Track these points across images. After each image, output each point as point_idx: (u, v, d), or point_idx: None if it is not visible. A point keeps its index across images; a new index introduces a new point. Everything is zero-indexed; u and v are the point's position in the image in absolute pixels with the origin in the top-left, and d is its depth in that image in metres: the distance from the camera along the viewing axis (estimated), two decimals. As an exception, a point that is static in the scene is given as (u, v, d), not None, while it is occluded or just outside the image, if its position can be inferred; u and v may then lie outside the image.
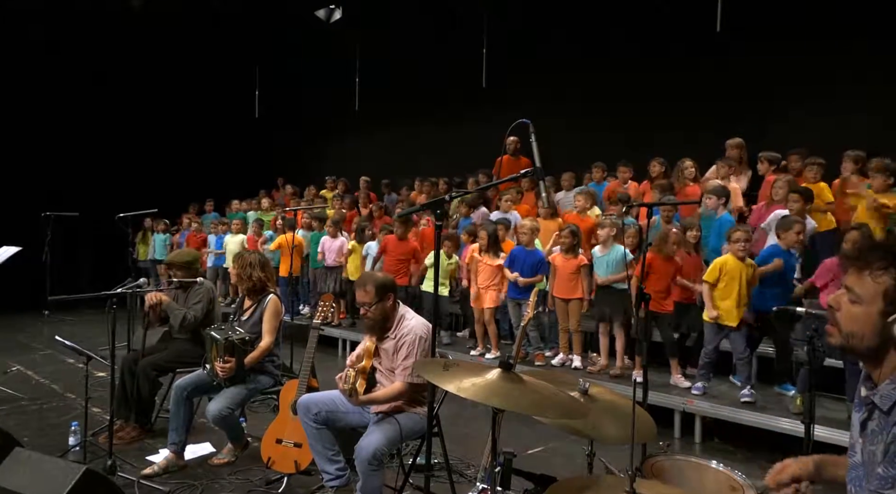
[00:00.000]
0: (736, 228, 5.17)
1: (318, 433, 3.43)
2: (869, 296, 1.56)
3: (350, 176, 11.02)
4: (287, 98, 13.44)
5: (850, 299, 1.59)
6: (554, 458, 4.39)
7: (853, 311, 1.58)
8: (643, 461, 2.40)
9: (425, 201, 7.89)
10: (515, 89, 9.49)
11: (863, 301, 1.56)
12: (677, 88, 7.99)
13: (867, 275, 1.57)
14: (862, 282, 1.57)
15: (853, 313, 1.58)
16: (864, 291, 1.57)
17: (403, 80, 11.32)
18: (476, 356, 6.50)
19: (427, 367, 2.05)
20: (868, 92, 6.69)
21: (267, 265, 4.28)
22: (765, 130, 7.25)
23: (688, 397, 5.08)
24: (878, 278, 1.55)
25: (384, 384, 3.42)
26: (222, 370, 3.85)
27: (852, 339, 1.59)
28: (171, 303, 4.47)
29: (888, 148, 5.94)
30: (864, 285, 1.57)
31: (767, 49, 7.34)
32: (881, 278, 1.54)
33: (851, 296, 1.59)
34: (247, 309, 4.27)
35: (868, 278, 1.56)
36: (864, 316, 1.56)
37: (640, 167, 7.49)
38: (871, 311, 1.55)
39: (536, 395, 1.91)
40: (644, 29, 8.36)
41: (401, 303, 3.51)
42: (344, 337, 7.88)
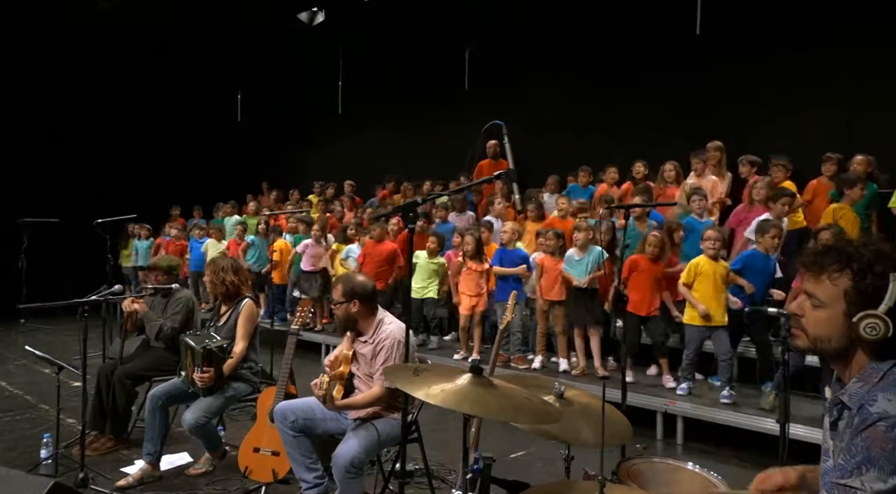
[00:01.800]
0: (707, 227, 5.20)
1: (295, 440, 3.37)
2: (830, 299, 1.56)
3: (335, 179, 10.97)
4: (270, 102, 13.35)
5: (813, 304, 1.59)
6: (535, 462, 4.36)
7: (817, 315, 1.58)
8: (619, 464, 2.38)
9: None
10: (498, 92, 9.48)
11: (825, 305, 1.57)
12: (658, 91, 8.02)
13: (825, 279, 1.57)
14: (821, 286, 1.57)
15: (817, 317, 1.58)
16: (824, 295, 1.57)
17: (387, 82, 11.29)
18: (459, 361, 6.47)
19: (397, 373, 2.02)
20: (848, 94, 6.75)
21: (240, 270, 4.22)
22: (745, 132, 7.29)
23: (670, 398, 5.09)
24: (835, 280, 1.55)
25: (362, 391, 3.37)
26: (201, 379, 3.77)
27: (820, 343, 1.59)
28: (147, 312, 4.39)
29: (868, 151, 6.01)
30: (823, 288, 1.57)
31: (747, 52, 7.38)
32: (839, 281, 1.55)
33: (813, 301, 1.59)
34: (223, 315, 4.21)
35: (826, 281, 1.57)
36: (828, 320, 1.56)
37: (624, 170, 7.50)
38: (835, 313, 1.55)
39: (506, 400, 1.88)
40: (626, 33, 8.39)
41: (380, 308, 3.47)
42: (327, 342, 7.81)
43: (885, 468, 1.39)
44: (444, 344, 7.28)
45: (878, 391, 1.46)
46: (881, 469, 1.39)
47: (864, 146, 6.10)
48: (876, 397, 1.46)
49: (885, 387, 1.47)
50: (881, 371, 1.50)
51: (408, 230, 2.27)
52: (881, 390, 1.47)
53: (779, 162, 6.23)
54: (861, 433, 1.44)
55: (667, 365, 5.47)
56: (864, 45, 6.60)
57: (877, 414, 1.42)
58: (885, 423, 1.41)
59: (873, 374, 1.51)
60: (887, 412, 1.41)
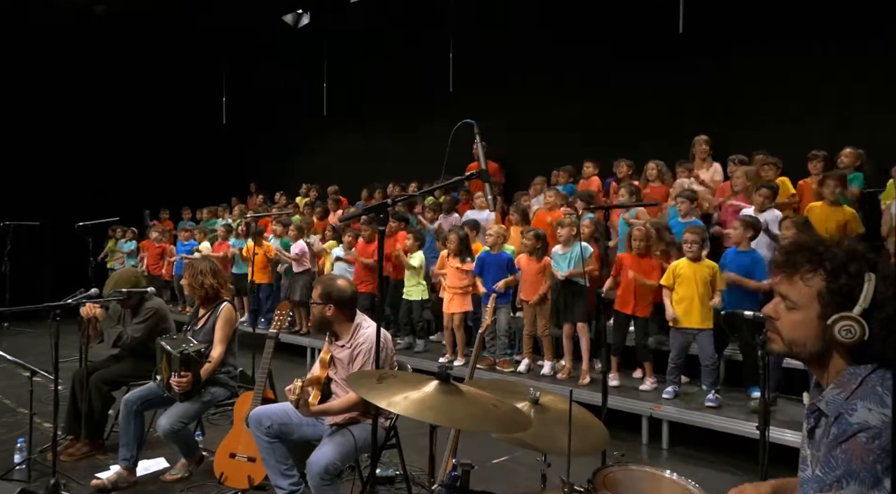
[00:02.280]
0: (686, 229, 5.14)
1: (270, 446, 3.31)
2: (804, 301, 1.50)
3: (321, 181, 10.89)
4: (254, 104, 13.27)
5: (787, 306, 1.53)
6: (518, 468, 4.30)
7: (792, 318, 1.52)
8: (596, 472, 2.32)
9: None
10: (483, 93, 9.44)
11: (799, 307, 1.51)
12: (642, 90, 8.01)
13: (798, 280, 1.51)
14: (794, 288, 1.52)
15: (792, 320, 1.52)
16: (798, 296, 1.51)
17: (372, 84, 11.24)
18: (444, 364, 6.39)
19: (360, 380, 1.95)
20: (833, 92, 6.74)
21: (219, 273, 4.15)
22: (728, 130, 7.28)
23: (655, 402, 5.04)
24: (808, 281, 1.49)
25: (339, 396, 3.32)
26: (178, 384, 3.69)
27: (795, 346, 1.53)
28: (105, 319, 4.26)
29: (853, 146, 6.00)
30: (796, 290, 1.51)
31: (730, 50, 7.38)
32: (812, 281, 1.49)
33: (787, 303, 1.53)
34: (201, 318, 4.13)
35: (799, 282, 1.51)
36: (802, 322, 1.50)
37: (607, 168, 7.47)
38: (810, 316, 1.49)
39: (473, 408, 1.82)
40: (609, 32, 8.37)
41: (359, 312, 3.41)
42: (312, 346, 7.73)
43: (866, 481, 1.34)
44: (432, 347, 7.21)
45: (857, 400, 1.41)
46: (862, 482, 1.34)
47: (850, 144, 6.08)
48: (855, 406, 1.40)
49: (864, 395, 1.41)
50: (859, 377, 1.45)
51: (378, 232, 2.21)
52: (860, 398, 1.41)
53: (769, 161, 6.20)
54: (841, 444, 1.39)
55: (649, 368, 5.42)
56: (849, 42, 6.60)
57: (857, 425, 1.37)
58: (866, 435, 1.35)
59: (851, 380, 1.46)
60: (868, 423, 1.36)
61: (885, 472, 1.32)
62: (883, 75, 6.38)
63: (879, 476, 1.33)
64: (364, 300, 5.99)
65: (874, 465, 1.33)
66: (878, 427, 1.35)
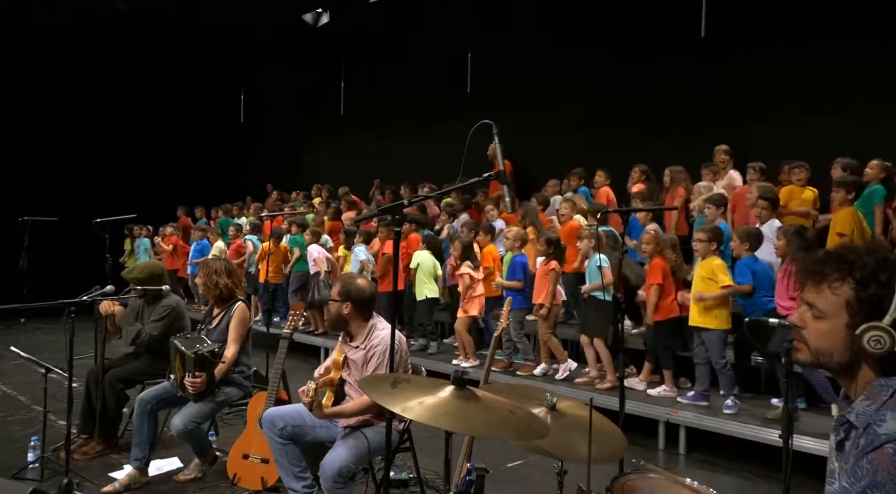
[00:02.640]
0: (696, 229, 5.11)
1: (283, 448, 3.29)
2: (832, 310, 1.45)
3: (336, 180, 10.91)
4: (272, 103, 13.32)
5: (814, 314, 1.49)
6: (533, 473, 4.25)
7: (819, 327, 1.48)
8: (614, 480, 2.27)
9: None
10: (500, 93, 9.40)
11: (827, 316, 1.46)
12: (664, 93, 7.92)
13: (825, 288, 1.47)
14: (822, 296, 1.47)
15: (819, 329, 1.48)
16: (825, 305, 1.46)
17: (389, 83, 11.23)
18: (456, 366, 6.38)
19: (374, 385, 1.92)
20: (857, 97, 6.62)
21: (233, 272, 4.14)
22: (750, 135, 7.18)
23: (672, 407, 4.96)
24: (836, 290, 1.45)
25: (353, 398, 3.29)
26: (192, 385, 3.68)
27: (822, 356, 1.49)
28: (124, 317, 4.27)
29: (874, 153, 5.86)
30: (824, 299, 1.47)
31: (752, 55, 7.28)
32: (840, 290, 1.44)
33: (814, 312, 1.49)
34: (215, 317, 4.13)
35: (827, 291, 1.46)
36: (830, 332, 1.46)
37: (625, 173, 7.39)
38: (838, 325, 1.45)
39: (489, 414, 1.78)
40: (631, 35, 8.29)
41: (375, 314, 3.38)
42: (326, 346, 7.73)
43: (891, 492, 1.29)
44: (445, 348, 7.18)
45: (887, 411, 1.36)
46: (888, 493, 1.29)
47: (876, 150, 5.95)
48: (884, 417, 1.35)
49: (893, 406, 1.37)
50: (891, 389, 1.40)
51: (394, 233, 2.18)
52: (890, 409, 1.36)
53: (798, 164, 6.09)
54: (867, 454, 1.34)
55: (648, 370, 5.35)
56: (873, 46, 6.48)
57: (885, 436, 1.33)
58: (894, 445, 1.31)
59: (881, 391, 1.41)
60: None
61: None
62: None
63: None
64: (382, 299, 5.96)
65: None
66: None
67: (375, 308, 3.41)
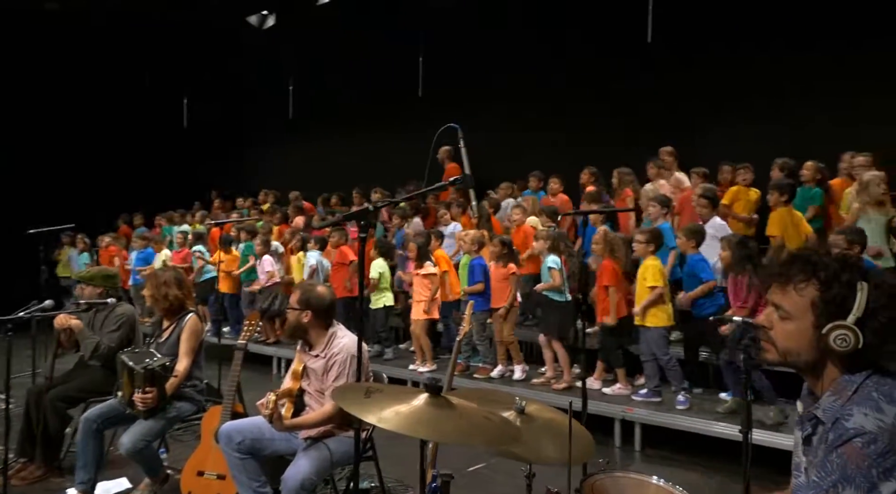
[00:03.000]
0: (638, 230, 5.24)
1: (241, 463, 3.18)
2: (798, 311, 1.50)
3: (285, 186, 10.71)
4: (217, 107, 12.98)
5: (780, 315, 1.54)
6: (496, 476, 4.25)
7: (786, 328, 1.53)
8: (583, 480, 2.29)
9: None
10: (451, 99, 9.42)
11: (793, 317, 1.51)
12: (611, 97, 8.11)
13: (791, 290, 1.51)
14: (788, 298, 1.52)
15: (786, 330, 1.53)
16: (792, 306, 1.51)
17: (339, 87, 11.12)
18: (414, 371, 6.35)
19: (347, 395, 1.87)
20: (795, 101, 6.93)
21: (184, 282, 3.99)
22: (694, 138, 7.42)
23: (626, 405, 5.07)
24: (801, 291, 1.50)
25: (313, 408, 3.21)
26: (143, 402, 3.50)
27: (789, 356, 1.53)
28: (83, 330, 4.08)
29: (810, 154, 6.15)
30: (790, 300, 1.52)
31: (697, 60, 7.53)
32: (805, 291, 1.50)
33: (781, 313, 1.53)
34: (165, 330, 3.96)
35: (793, 292, 1.51)
36: (797, 332, 1.51)
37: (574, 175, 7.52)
38: (804, 325, 1.50)
39: (464, 421, 1.76)
40: (579, 39, 8.46)
41: (335, 321, 3.32)
42: (278, 356, 7.56)
43: (861, 486, 1.34)
44: (400, 354, 7.14)
45: (854, 406, 1.42)
46: (858, 486, 1.34)
47: (811, 153, 6.24)
48: (851, 411, 1.41)
49: (860, 401, 1.42)
50: (855, 384, 1.46)
51: (359, 239, 2.14)
52: (856, 404, 1.42)
53: (743, 165, 6.32)
54: (837, 449, 1.39)
55: (601, 369, 5.47)
56: (811, 52, 6.83)
57: (853, 430, 1.37)
58: (862, 439, 1.36)
59: (846, 387, 1.47)
60: (864, 428, 1.36)
61: (880, 477, 1.33)
62: (848, 82, 6.58)
63: (875, 480, 1.33)
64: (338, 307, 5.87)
65: (869, 470, 1.34)
66: (873, 432, 1.36)
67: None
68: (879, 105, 6.37)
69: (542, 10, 8.80)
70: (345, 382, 3.07)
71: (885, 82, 6.42)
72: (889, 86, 6.35)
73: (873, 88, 6.48)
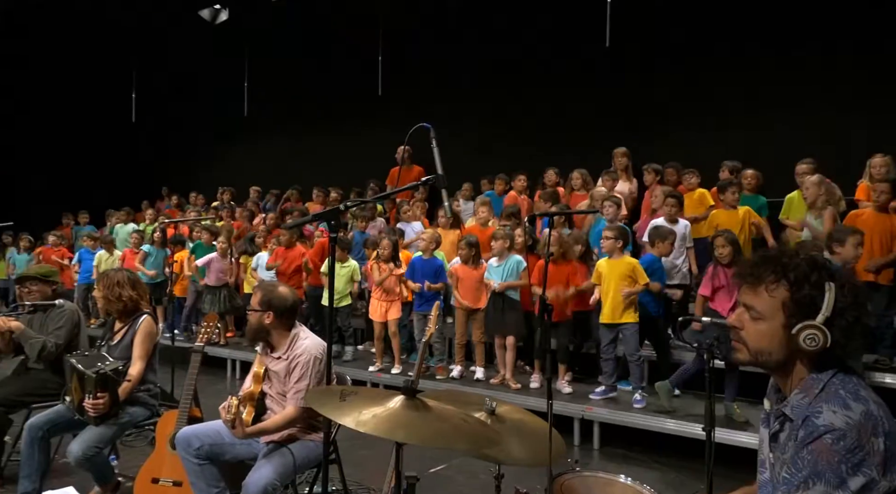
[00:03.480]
0: (605, 227, 5.32)
1: (200, 469, 3.07)
2: (769, 311, 1.54)
3: (241, 184, 10.47)
4: (168, 102, 12.59)
5: (752, 316, 1.57)
6: (457, 476, 4.24)
7: (758, 328, 1.56)
8: (552, 480, 2.30)
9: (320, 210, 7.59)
10: (411, 98, 9.40)
11: (765, 317, 1.55)
12: (570, 100, 8.22)
13: (762, 290, 1.55)
14: (759, 298, 1.56)
15: (758, 330, 1.56)
16: (763, 307, 1.55)
17: (296, 84, 10.94)
18: (374, 373, 6.29)
19: (321, 398, 1.83)
20: (746, 108, 7.17)
21: (138, 283, 3.84)
22: (652, 141, 7.60)
23: (587, 404, 5.14)
24: (773, 292, 1.54)
25: (275, 411, 3.14)
26: (94, 407, 3.35)
27: (761, 356, 1.57)
28: (25, 331, 3.87)
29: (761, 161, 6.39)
30: (761, 300, 1.55)
31: (654, 65, 7.71)
32: (776, 292, 1.53)
33: (752, 313, 1.57)
34: (117, 332, 3.80)
35: (764, 293, 1.55)
36: (769, 332, 1.54)
37: (535, 176, 7.61)
38: (775, 325, 1.53)
39: (443, 424, 1.74)
40: (538, 42, 8.54)
41: (297, 322, 3.25)
42: (233, 357, 7.38)
43: (831, 481, 1.38)
44: (360, 355, 7.06)
45: (823, 403, 1.45)
46: (828, 482, 1.38)
47: (757, 158, 6.47)
48: (821, 409, 1.44)
49: (828, 398, 1.46)
50: (822, 382, 1.50)
51: (329, 240, 2.09)
52: (825, 401, 1.46)
53: (690, 170, 6.51)
54: (808, 445, 1.43)
55: (565, 372, 5.54)
56: (760, 60, 7.07)
57: (823, 427, 1.41)
58: (832, 436, 1.40)
59: (814, 385, 1.51)
60: (833, 425, 1.40)
61: (848, 472, 1.37)
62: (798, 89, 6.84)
63: (844, 476, 1.37)
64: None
65: (839, 466, 1.37)
66: (842, 429, 1.39)
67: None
68: (826, 111, 6.64)
69: (503, 12, 8.85)
70: (307, 384, 3.02)
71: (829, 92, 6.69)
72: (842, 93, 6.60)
73: (818, 95, 6.75)
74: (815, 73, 6.80)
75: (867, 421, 1.40)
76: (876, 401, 1.46)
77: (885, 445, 1.38)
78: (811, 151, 6.01)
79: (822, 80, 6.75)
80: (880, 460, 1.37)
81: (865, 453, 1.37)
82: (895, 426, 1.43)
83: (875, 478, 1.36)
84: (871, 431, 1.39)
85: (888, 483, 1.37)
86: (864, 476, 1.36)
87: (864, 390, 1.48)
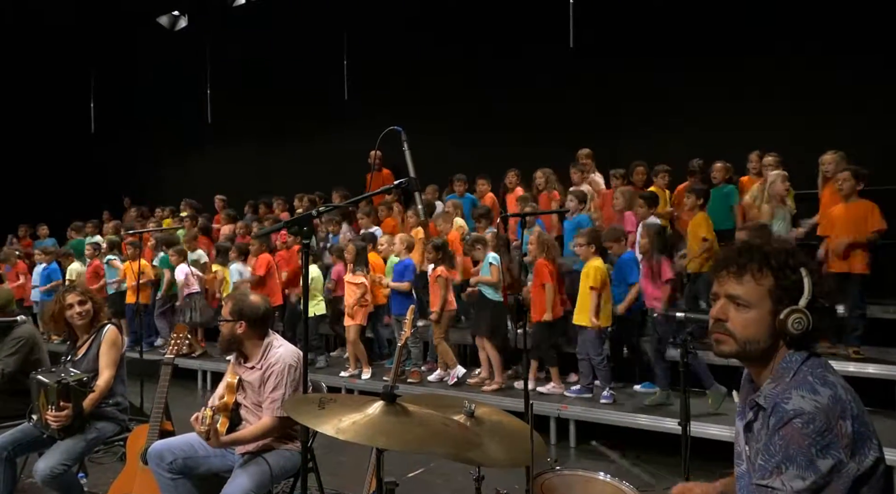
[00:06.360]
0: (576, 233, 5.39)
1: (173, 483, 3.01)
2: (756, 299, 1.55)
3: (203, 194, 10.26)
4: (128, 111, 12.32)
5: (739, 305, 1.58)
6: (435, 480, 4.23)
7: (746, 317, 1.57)
8: (533, 479, 2.31)
9: (287, 218, 7.49)
10: (377, 100, 9.36)
11: (752, 305, 1.56)
12: (535, 100, 8.29)
13: (748, 279, 1.56)
14: (744, 287, 1.57)
15: (746, 318, 1.57)
16: (750, 295, 1.56)
17: (260, 90, 10.80)
18: (347, 378, 6.25)
19: (300, 407, 1.80)
20: (711, 107, 7.30)
21: (92, 294, 3.74)
22: (615, 142, 7.71)
23: (561, 402, 5.17)
24: (759, 280, 1.55)
25: (250, 422, 3.08)
26: (56, 418, 3.25)
27: (749, 345, 1.57)
28: None
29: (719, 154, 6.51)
30: (747, 289, 1.56)
31: (618, 65, 7.81)
32: (762, 280, 1.55)
33: (740, 302, 1.57)
34: (81, 346, 3.69)
35: (751, 281, 1.56)
36: (757, 320, 1.55)
37: (497, 178, 7.64)
38: (762, 313, 1.55)
39: (423, 429, 1.73)
40: (504, 43, 8.60)
41: (271, 331, 3.20)
42: (204, 368, 7.25)
43: (801, 463, 1.40)
44: (332, 361, 7.00)
45: (792, 390, 1.48)
46: (799, 465, 1.41)
47: (720, 153, 6.60)
48: (790, 394, 1.47)
49: (797, 384, 1.49)
50: (791, 370, 1.53)
51: (302, 246, 2.06)
52: (794, 387, 1.48)
53: (663, 168, 6.62)
54: (778, 431, 1.45)
55: (556, 372, 5.55)
56: (722, 62, 7.22)
57: (792, 411, 1.44)
58: (801, 420, 1.42)
59: (784, 374, 1.54)
60: (802, 409, 1.43)
61: (818, 454, 1.40)
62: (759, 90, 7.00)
63: (813, 458, 1.40)
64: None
65: (809, 448, 1.40)
66: (811, 413, 1.42)
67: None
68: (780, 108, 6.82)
69: (468, 14, 8.89)
70: (283, 393, 2.98)
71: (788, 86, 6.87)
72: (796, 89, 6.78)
73: (775, 92, 6.92)
74: (780, 71, 6.94)
75: (835, 405, 1.43)
76: (843, 386, 1.49)
77: (853, 428, 1.41)
78: (777, 148, 6.15)
79: (786, 79, 6.87)
80: (848, 442, 1.40)
81: (834, 435, 1.40)
82: (863, 410, 1.47)
83: (843, 460, 1.39)
84: (838, 414, 1.42)
85: (856, 465, 1.40)
86: (832, 459, 1.39)
87: (832, 375, 1.51)
